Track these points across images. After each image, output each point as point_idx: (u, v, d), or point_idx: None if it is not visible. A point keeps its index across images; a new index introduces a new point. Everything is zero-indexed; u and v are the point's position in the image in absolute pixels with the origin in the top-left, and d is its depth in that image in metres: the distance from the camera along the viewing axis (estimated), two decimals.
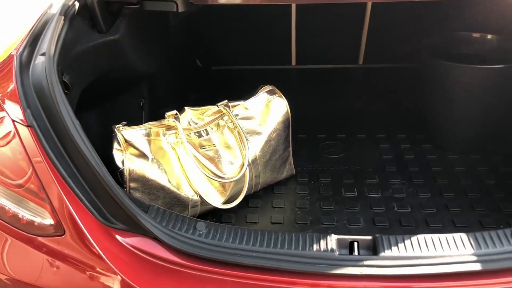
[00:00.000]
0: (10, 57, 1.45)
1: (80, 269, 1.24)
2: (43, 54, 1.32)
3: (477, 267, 1.15)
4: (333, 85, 2.58)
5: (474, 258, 1.16)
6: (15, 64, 1.36)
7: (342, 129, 2.20)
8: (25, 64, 1.35)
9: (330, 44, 2.60)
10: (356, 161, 1.96)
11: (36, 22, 1.52)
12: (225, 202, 1.63)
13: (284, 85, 1.88)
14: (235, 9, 2.46)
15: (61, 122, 1.22)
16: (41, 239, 1.26)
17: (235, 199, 1.63)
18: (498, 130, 1.97)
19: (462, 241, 1.20)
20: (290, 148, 1.82)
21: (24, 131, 1.26)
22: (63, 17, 1.44)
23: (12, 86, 1.33)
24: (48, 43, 1.33)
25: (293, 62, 2.69)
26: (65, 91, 1.35)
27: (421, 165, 1.91)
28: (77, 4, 1.53)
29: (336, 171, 1.91)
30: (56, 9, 1.50)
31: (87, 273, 1.24)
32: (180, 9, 1.57)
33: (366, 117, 2.29)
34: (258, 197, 1.77)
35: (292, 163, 1.85)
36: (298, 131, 2.15)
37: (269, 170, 1.74)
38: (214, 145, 1.63)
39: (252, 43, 2.67)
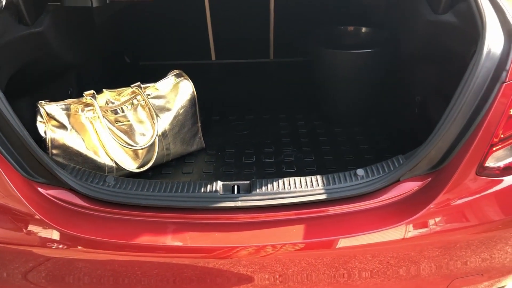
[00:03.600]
0: None
1: (8, 217, 1.49)
2: None
3: (324, 196, 1.49)
4: (247, 76, 2.92)
5: (323, 191, 1.50)
6: None
7: (250, 112, 2.54)
8: None
9: (244, 41, 2.95)
10: (258, 136, 2.30)
11: None
12: (139, 168, 1.91)
13: (205, 77, 2.19)
14: (157, 9, 2.76)
15: None
16: None
17: (147, 165, 1.92)
18: (378, 107, 2.36)
19: (317, 181, 1.54)
20: (199, 124, 2.12)
21: None
22: None
23: None
24: None
25: (213, 57, 3.02)
26: None
27: (311, 137, 2.27)
28: (4, 1, 1.77)
29: (241, 144, 2.24)
30: None
31: (15, 219, 1.49)
32: (95, 4, 1.85)
33: (272, 102, 2.64)
34: (171, 165, 2.07)
35: (202, 137, 2.16)
36: (212, 114, 2.48)
37: (179, 142, 2.04)
38: (128, 120, 1.91)
39: (176, 41, 2.97)
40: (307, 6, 2.70)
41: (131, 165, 1.89)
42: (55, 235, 1.46)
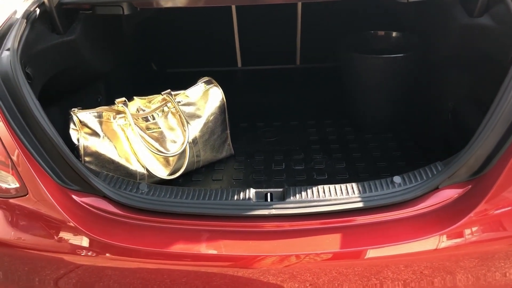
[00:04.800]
0: None
1: (43, 223, 1.50)
2: (8, 50, 1.59)
3: (360, 205, 1.46)
4: (274, 82, 2.91)
5: (359, 199, 1.47)
6: None
7: (278, 118, 2.52)
8: None
9: (271, 47, 2.95)
10: (287, 142, 2.28)
11: (2, 25, 1.79)
12: (170, 174, 1.91)
13: (232, 84, 2.19)
14: (185, 16, 2.77)
15: (24, 103, 1.49)
16: (8, 200, 1.52)
17: (178, 172, 1.91)
18: (408, 114, 2.32)
19: (352, 188, 1.51)
20: (228, 131, 2.12)
21: None
22: (25, 21, 1.71)
23: None
24: (12, 41, 1.60)
25: (239, 64, 3.02)
26: (28, 80, 1.62)
27: (341, 143, 2.24)
28: (38, 10, 1.80)
29: (270, 150, 2.22)
30: (20, 14, 1.77)
31: (49, 226, 1.50)
32: (126, 12, 1.86)
33: (300, 108, 2.62)
34: (201, 172, 2.06)
35: (231, 144, 2.15)
36: (240, 121, 2.47)
37: (209, 149, 2.03)
38: (159, 127, 1.91)
39: (203, 48, 2.99)
40: (335, 11, 2.68)
41: (162, 172, 1.89)
42: (88, 242, 1.47)
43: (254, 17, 2.77)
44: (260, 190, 1.56)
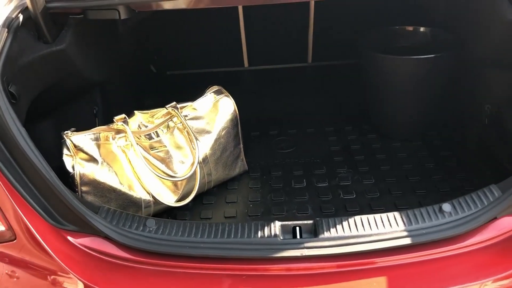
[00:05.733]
0: None
1: (34, 272, 1.28)
2: None
3: (407, 241, 1.24)
4: (285, 83, 2.67)
5: (405, 233, 1.26)
6: None
7: (293, 125, 2.29)
8: None
9: (280, 45, 2.69)
10: (305, 154, 2.05)
11: None
12: (178, 200, 1.68)
13: (238, 86, 1.96)
14: (184, 14, 2.52)
15: (7, 131, 1.26)
16: None
17: (187, 197, 1.69)
18: (437, 117, 2.10)
19: (395, 219, 1.30)
20: (241, 145, 1.89)
21: None
22: (6, 29, 1.47)
23: None
24: None
25: (246, 63, 2.77)
26: (12, 101, 1.39)
27: (366, 154, 2.01)
28: (21, 16, 1.56)
29: (287, 164, 1.99)
30: None
31: (41, 275, 1.28)
32: (123, 16, 1.62)
33: (316, 112, 2.38)
34: (212, 193, 1.84)
35: (244, 159, 1.92)
36: (251, 130, 2.23)
37: (221, 167, 1.81)
38: (164, 146, 1.68)
39: (205, 47, 2.74)
40: (353, 2, 2.41)
41: (170, 198, 1.67)
42: None
43: (262, 12, 2.51)
44: (286, 223, 1.34)
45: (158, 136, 1.69)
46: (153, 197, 1.61)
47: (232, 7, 2.51)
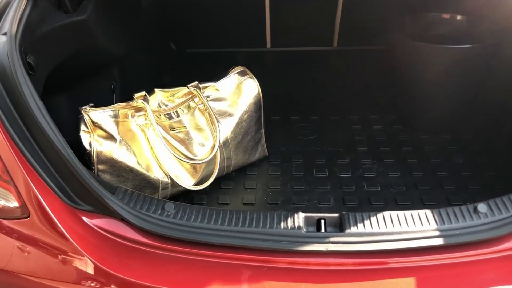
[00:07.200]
0: None
1: (47, 251, 1.24)
2: (5, 34, 1.28)
3: (439, 241, 1.17)
4: (308, 67, 2.57)
5: (437, 233, 1.19)
6: None
7: (315, 111, 2.21)
8: None
9: (305, 26, 2.59)
10: (328, 142, 1.98)
11: None
12: (196, 184, 1.63)
13: (259, 67, 1.88)
14: None
15: (24, 104, 1.20)
16: (6, 222, 1.25)
17: (206, 181, 1.63)
18: (469, 111, 2.01)
19: (426, 217, 1.22)
20: (262, 130, 1.82)
21: None
22: None
23: None
24: (10, 23, 1.30)
25: (268, 44, 2.67)
26: (30, 72, 1.33)
27: (392, 145, 1.93)
28: None
29: (309, 152, 1.92)
30: None
31: (54, 255, 1.23)
32: None
33: (340, 99, 2.30)
34: (231, 178, 1.77)
35: (265, 144, 1.85)
36: (272, 114, 2.16)
37: (241, 151, 1.74)
38: (184, 127, 1.62)
39: (227, 26, 2.64)
40: None
41: (189, 181, 1.61)
42: (103, 277, 1.20)
43: None
44: (310, 214, 1.27)
45: (178, 116, 1.63)
46: (171, 179, 1.55)
47: None
